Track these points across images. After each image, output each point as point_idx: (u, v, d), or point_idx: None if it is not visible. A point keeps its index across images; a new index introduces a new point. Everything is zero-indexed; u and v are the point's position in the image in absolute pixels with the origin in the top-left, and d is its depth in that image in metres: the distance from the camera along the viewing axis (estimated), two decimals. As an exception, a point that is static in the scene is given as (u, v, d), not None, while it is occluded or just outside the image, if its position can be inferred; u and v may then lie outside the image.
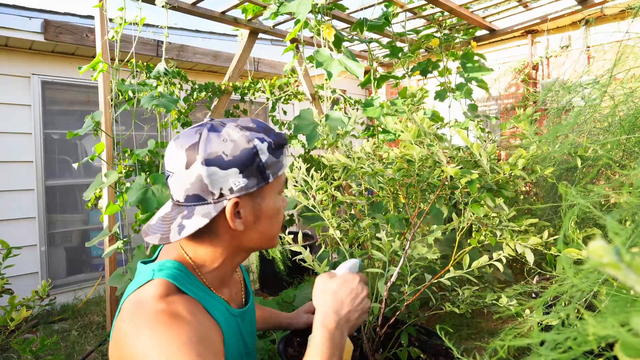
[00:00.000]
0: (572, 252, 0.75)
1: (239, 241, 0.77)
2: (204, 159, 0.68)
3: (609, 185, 1.10)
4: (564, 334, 0.51)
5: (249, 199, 0.73)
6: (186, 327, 0.63)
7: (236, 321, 0.81)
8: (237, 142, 0.70)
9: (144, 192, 1.80)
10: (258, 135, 0.72)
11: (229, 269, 0.80)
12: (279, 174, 0.75)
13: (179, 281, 0.71)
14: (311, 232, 4.27)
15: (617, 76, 1.47)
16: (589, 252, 0.28)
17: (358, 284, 0.75)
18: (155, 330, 0.62)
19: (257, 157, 0.70)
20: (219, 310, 0.76)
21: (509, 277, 2.19)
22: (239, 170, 0.69)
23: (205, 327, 0.68)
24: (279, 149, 0.74)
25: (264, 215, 0.75)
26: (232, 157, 0.69)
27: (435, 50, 2.93)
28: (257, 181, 0.71)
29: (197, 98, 2.79)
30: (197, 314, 0.69)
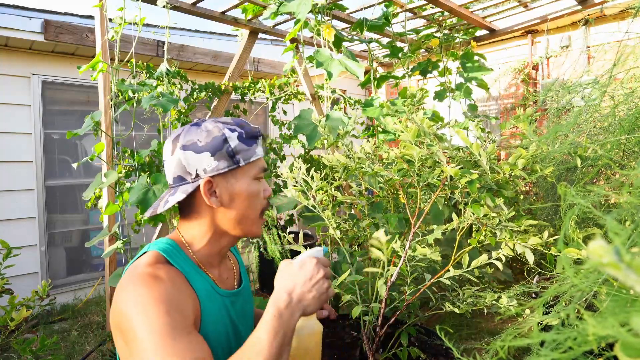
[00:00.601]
0: (572, 252, 0.75)
1: (219, 221, 0.87)
2: (182, 145, 0.83)
3: (608, 185, 1.10)
4: (564, 334, 0.51)
5: (222, 179, 0.84)
6: (162, 288, 0.73)
7: (223, 301, 0.87)
8: (210, 131, 0.83)
9: (145, 192, 1.80)
10: (230, 127, 0.84)
11: (216, 249, 0.89)
12: (251, 160, 0.86)
13: (168, 254, 0.82)
14: (311, 232, 4.27)
15: (617, 76, 1.47)
16: (589, 252, 0.28)
17: (314, 266, 0.77)
18: (136, 287, 0.73)
19: (227, 143, 0.82)
20: (203, 285, 0.84)
21: (509, 277, 2.19)
22: (211, 153, 0.81)
23: (181, 294, 0.76)
24: (251, 138, 0.86)
25: (238, 197, 0.85)
26: (205, 143, 0.82)
27: (435, 50, 2.93)
28: (228, 164, 0.83)
29: (197, 98, 2.79)
30: (177, 282, 0.77)
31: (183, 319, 0.72)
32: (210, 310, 0.82)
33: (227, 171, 0.83)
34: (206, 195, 0.83)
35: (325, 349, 1.19)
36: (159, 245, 0.84)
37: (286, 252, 2.94)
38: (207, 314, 0.81)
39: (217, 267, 0.92)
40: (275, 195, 2.69)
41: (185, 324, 0.72)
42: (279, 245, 2.76)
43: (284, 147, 3.25)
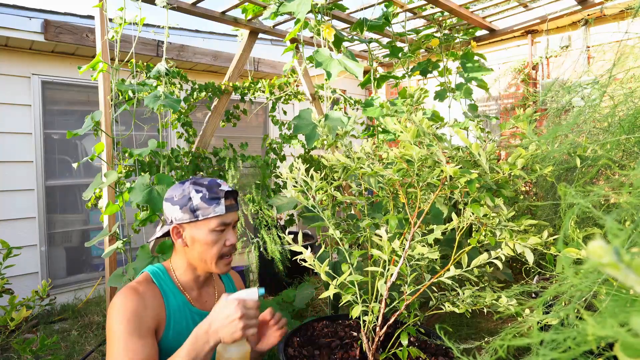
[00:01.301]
0: (572, 252, 0.75)
1: (189, 257, 1.14)
2: (165, 198, 1.15)
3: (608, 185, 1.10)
4: (564, 333, 0.51)
5: (188, 227, 1.11)
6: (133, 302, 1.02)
7: (194, 317, 1.13)
8: (184, 190, 1.11)
9: (149, 192, 1.80)
10: (197, 188, 1.11)
11: (192, 277, 1.17)
12: (208, 216, 1.09)
13: (155, 276, 1.14)
14: (311, 232, 4.27)
15: (617, 76, 1.47)
16: (589, 252, 0.28)
17: (235, 308, 0.94)
18: (117, 297, 1.03)
19: (190, 201, 1.09)
20: (177, 303, 1.12)
21: (509, 277, 2.19)
22: (179, 207, 1.10)
23: (147, 308, 1.04)
24: (213, 199, 1.09)
25: (197, 242, 1.10)
26: (178, 199, 1.11)
27: (435, 50, 2.93)
28: (189, 217, 1.09)
29: (197, 98, 2.79)
30: (149, 298, 1.06)
31: (140, 327, 0.99)
32: (178, 322, 1.10)
33: (189, 222, 1.09)
34: (174, 237, 1.12)
35: (326, 349, 1.19)
36: (152, 268, 1.16)
37: (286, 252, 2.94)
38: (175, 324, 1.09)
39: (197, 290, 1.18)
40: (275, 195, 2.69)
41: (142, 331, 0.99)
42: (279, 246, 2.76)
43: (284, 147, 3.25)
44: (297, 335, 1.28)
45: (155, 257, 1.80)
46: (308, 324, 1.36)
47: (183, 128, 2.70)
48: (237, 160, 2.68)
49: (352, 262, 1.11)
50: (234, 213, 1.14)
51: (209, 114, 2.88)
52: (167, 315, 1.08)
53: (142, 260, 1.78)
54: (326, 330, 1.31)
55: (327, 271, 1.09)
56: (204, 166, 2.61)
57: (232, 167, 2.59)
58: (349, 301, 1.09)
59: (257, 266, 3.06)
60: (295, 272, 3.53)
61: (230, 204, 1.13)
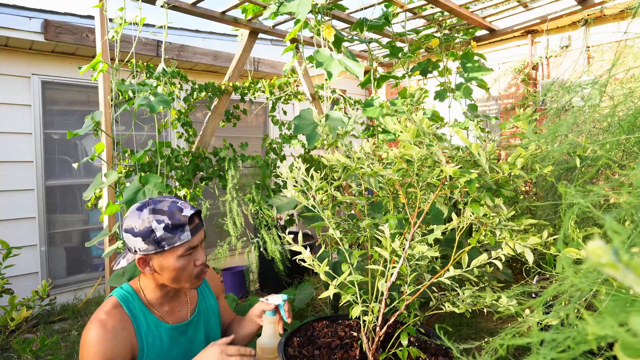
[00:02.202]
0: (572, 251, 0.75)
1: (157, 279, 1.14)
2: (124, 229, 1.09)
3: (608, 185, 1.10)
4: (564, 333, 0.51)
5: (154, 256, 1.09)
6: (104, 336, 1.04)
7: (168, 333, 1.17)
8: (144, 221, 1.06)
9: (135, 192, 1.77)
10: (159, 218, 1.06)
11: (161, 294, 1.18)
12: (174, 245, 1.07)
13: (124, 300, 1.13)
14: (311, 232, 4.27)
15: (616, 76, 1.47)
16: (588, 252, 0.28)
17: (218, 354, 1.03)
18: (90, 328, 1.05)
19: (153, 233, 1.05)
20: (149, 323, 1.14)
21: (509, 277, 2.20)
22: (142, 239, 1.06)
23: (121, 342, 1.06)
24: (176, 228, 1.07)
25: (167, 269, 1.10)
26: (139, 230, 1.06)
27: (435, 50, 2.93)
28: (155, 248, 1.06)
29: (197, 98, 2.79)
30: (121, 330, 1.07)
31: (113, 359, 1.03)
32: (153, 342, 1.13)
33: (154, 252, 1.08)
34: (140, 267, 1.11)
35: (325, 349, 1.19)
36: (120, 292, 1.15)
37: (286, 252, 2.94)
38: (149, 345, 1.12)
39: (167, 304, 1.20)
40: (275, 195, 2.69)
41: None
42: (279, 246, 2.76)
43: (284, 147, 3.25)
44: (297, 335, 1.28)
45: None
46: (308, 324, 1.36)
47: (183, 128, 2.70)
48: (237, 160, 2.68)
49: (352, 262, 1.11)
50: (199, 234, 1.13)
51: (209, 114, 2.88)
52: (139, 340, 1.11)
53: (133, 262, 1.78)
54: (326, 330, 1.31)
55: (327, 271, 1.09)
56: (204, 166, 2.61)
57: (232, 167, 2.59)
58: (348, 301, 1.09)
59: (257, 266, 3.06)
60: (295, 272, 3.53)
61: (194, 226, 1.11)
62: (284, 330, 1.26)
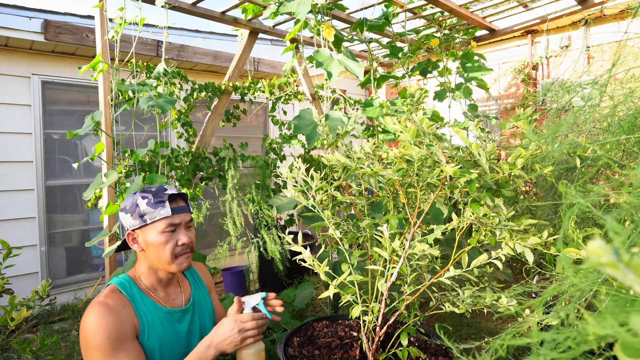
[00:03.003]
0: (572, 251, 0.75)
1: (147, 260, 1.21)
2: (120, 208, 1.23)
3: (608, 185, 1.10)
4: (564, 333, 0.51)
5: (140, 232, 1.19)
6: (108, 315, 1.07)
7: (166, 317, 1.21)
8: (132, 199, 1.19)
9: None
10: (143, 195, 1.18)
11: (155, 280, 1.24)
12: (155, 219, 1.16)
13: (121, 286, 1.18)
14: (311, 232, 4.27)
15: (616, 76, 1.47)
16: (589, 252, 0.28)
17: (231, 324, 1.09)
18: (90, 312, 1.08)
19: (137, 208, 1.17)
20: (147, 306, 1.19)
21: (509, 277, 2.19)
22: (130, 215, 1.18)
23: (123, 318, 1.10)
24: (157, 203, 1.17)
25: (150, 245, 1.18)
26: (128, 207, 1.19)
27: (435, 50, 2.93)
28: (139, 222, 1.17)
29: (197, 98, 2.79)
30: (122, 308, 1.12)
31: (120, 339, 1.06)
32: (152, 324, 1.17)
33: (139, 227, 1.18)
34: (130, 243, 1.21)
35: (326, 349, 1.19)
36: (117, 279, 1.21)
37: (286, 252, 2.94)
38: (149, 326, 1.16)
39: (162, 291, 1.26)
40: (275, 195, 2.69)
41: (123, 343, 1.06)
42: (279, 246, 2.76)
43: (284, 147, 3.25)
44: (297, 335, 1.28)
45: None
46: (308, 324, 1.36)
47: (183, 128, 2.70)
48: (237, 160, 2.68)
49: (352, 262, 1.11)
50: (183, 214, 1.21)
51: (209, 114, 2.88)
52: (139, 320, 1.15)
53: (133, 258, 1.78)
54: (326, 330, 1.31)
55: (327, 271, 1.09)
56: (204, 166, 2.61)
57: (232, 167, 2.59)
58: (349, 301, 1.09)
59: (257, 266, 3.06)
60: (295, 272, 3.53)
61: (176, 205, 1.20)
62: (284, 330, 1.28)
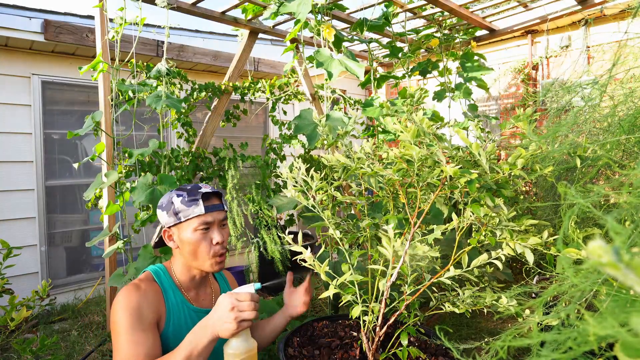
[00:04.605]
0: (572, 252, 0.75)
1: (182, 257, 1.22)
2: (157, 205, 1.26)
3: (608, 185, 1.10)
4: (564, 334, 0.51)
5: (175, 229, 1.20)
6: (135, 298, 1.10)
7: (191, 314, 1.21)
8: (168, 197, 1.21)
9: (152, 191, 1.81)
10: (178, 193, 1.20)
11: (188, 277, 1.25)
12: (189, 217, 1.17)
13: (156, 274, 1.22)
14: (311, 232, 4.27)
15: (616, 76, 1.47)
16: (589, 252, 0.28)
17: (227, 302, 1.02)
18: (121, 294, 1.11)
19: (172, 205, 1.19)
20: (176, 300, 1.20)
21: (509, 277, 2.19)
22: (166, 212, 1.20)
23: (148, 303, 1.12)
24: (191, 202, 1.18)
25: (184, 242, 1.19)
26: (165, 205, 1.21)
27: (435, 50, 2.93)
28: (174, 220, 1.19)
29: (197, 98, 2.79)
30: (150, 294, 1.14)
31: (142, 321, 1.08)
32: (177, 318, 1.18)
33: (174, 224, 1.19)
34: (166, 240, 1.23)
35: (326, 349, 1.19)
36: (153, 267, 1.25)
37: (286, 252, 2.94)
38: (175, 320, 1.17)
39: (194, 290, 1.27)
40: (275, 195, 2.69)
41: (144, 324, 1.08)
42: (279, 246, 2.76)
43: (284, 147, 3.25)
44: (297, 335, 1.28)
45: (157, 256, 1.81)
46: (308, 324, 1.36)
47: (183, 128, 2.70)
48: (237, 160, 2.68)
49: (352, 262, 1.11)
50: (216, 212, 1.21)
51: (209, 114, 2.88)
52: (167, 311, 1.17)
53: (144, 260, 1.79)
54: (326, 330, 1.31)
55: (327, 271, 1.09)
56: (204, 166, 2.61)
57: (232, 167, 2.59)
58: (349, 301, 1.09)
59: (257, 266, 3.06)
60: (296, 272, 3.52)
61: (210, 204, 1.20)
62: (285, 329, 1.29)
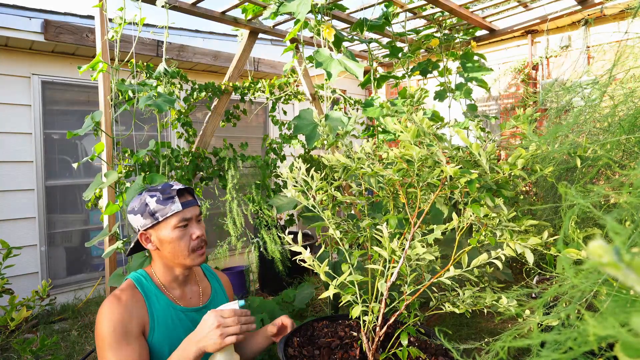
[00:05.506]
0: (572, 252, 0.75)
1: (162, 258, 1.22)
2: (128, 211, 1.23)
3: (608, 185, 1.10)
4: (565, 334, 0.51)
5: (152, 230, 1.19)
6: (118, 308, 1.10)
7: (178, 315, 1.21)
8: (140, 200, 1.20)
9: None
10: (151, 194, 1.19)
11: (171, 277, 1.25)
12: (167, 215, 1.17)
13: (138, 282, 1.21)
14: (311, 232, 4.27)
15: (617, 76, 1.47)
16: (589, 252, 0.28)
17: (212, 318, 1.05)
18: (103, 304, 1.12)
19: (147, 207, 1.18)
20: (161, 305, 1.20)
21: (509, 277, 2.19)
22: (140, 215, 1.18)
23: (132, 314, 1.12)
24: (167, 199, 1.17)
25: (164, 241, 1.18)
26: (137, 208, 1.19)
27: (435, 50, 2.93)
28: (151, 220, 1.17)
29: (197, 98, 2.79)
30: (133, 304, 1.14)
31: (126, 334, 1.08)
32: (165, 322, 1.18)
33: (151, 225, 1.18)
34: (143, 243, 1.21)
35: (326, 349, 1.19)
36: (134, 275, 1.24)
37: (286, 252, 2.94)
38: (161, 324, 1.17)
39: (179, 289, 1.27)
40: (275, 195, 2.69)
41: (129, 338, 1.08)
42: (279, 246, 2.76)
43: (284, 147, 3.24)
44: (297, 335, 1.28)
45: (148, 256, 1.80)
46: (308, 324, 1.36)
47: (183, 128, 2.70)
48: (237, 160, 2.68)
49: (352, 262, 1.11)
50: (192, 208, 1.22)
51: (209, 114, 2.88)
52: (150, 318, 1.16)
53: (137, 260, 1.79)
54: (326, 330, 1.31)
55: (327, 271, 1.09)
56: (204, 166, 2.61)
57: (232, 167, 2.59)
58: (349, 301, 1.09)
59: (257, 266, 3.06)
60: (295, 272, 3.53)
61: (185, 200, 1.21)
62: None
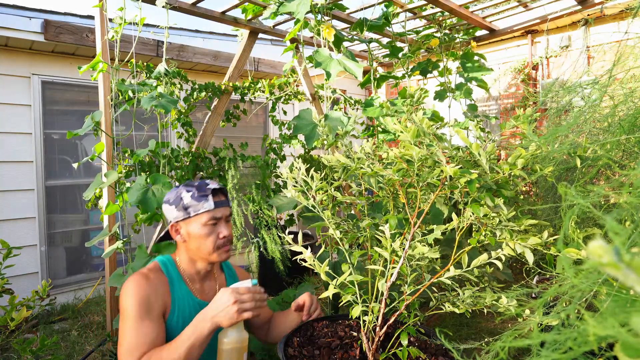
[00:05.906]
0: (572, 252, 0.75)
1: (188, 251, 1.27)
2: (163, 201, 1.29)
3: (608, 185, 1.10)
4: (565, 334, 0.51)
5: (183, 224, 1.25)
6: (145, 285, 1.16)
7: (195, 306, 1.24)
8: (177, 192, 1.25)
9: (144, 192, 1.80)
10: (187, 189, 1.24)
11: (193, 270, 1.30)
12: (199, 212, 1.22)
13: (163, 265, 1.27)
14: (311, 232, 4.27)
15: (617, 76, 1.47)
16: (589, 252, 0.28)
17: (229, 295, 1.09)
18: (129, 282, 1.16)
19: (181, 200, 1.23)
20: (181, 291, 1.25)
21: (509, 277, 2.19)
22: (175, 207, 1.24)
23: (156, 293, 1.17)
24: (201, 197, 1.22)
25: (192, 236, 1.24)
26: (172, 200, 1.25)
27: (435, 50, 2.93)
28: (183, 214, 1.23)
29: (197, 98, 2.79)
30: (158, 284, 1.19)
31: (150, 311, 1.13)
32: (182, 309, 1.22)
33: (183, 219, 1.23)
34: (172, 234, 1.27)
35: (326, 349, 1.19)
36: (161, 258, 1.30)
37: (286, 252, 2.94)
38: (179, 311, 1.21)
39: (199, 283, 1.31)
40: (275, 195, 2.69)
41: (151, 314, 1.13)
42: (279, 246, 2.76)
43: (284, 147, 3.24)
44: (297, 335, 1.28)
45: (152, 255, 1.80)
46: (308, 324, 1.36)
47: (183, 128, 2.70)
48: (237, 160, 2.68)
49: (352, 262, 1.11)
50: (223, 208, 1.26)
51: (209, 114, 2.88)
52: (172, 301, 1.21)
53: (140, 260, 1.79)
54: (326, 330, 1.31)
55: (327, 271, 1.09)
56: (204, 166, 2.61)
57: (232, 167, 2.59)
58: (349, 301, 1.09)
59: (257, 266, 3.06)
60: (296, 272, 3.53)
61: (218, 200, 1.26)
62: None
